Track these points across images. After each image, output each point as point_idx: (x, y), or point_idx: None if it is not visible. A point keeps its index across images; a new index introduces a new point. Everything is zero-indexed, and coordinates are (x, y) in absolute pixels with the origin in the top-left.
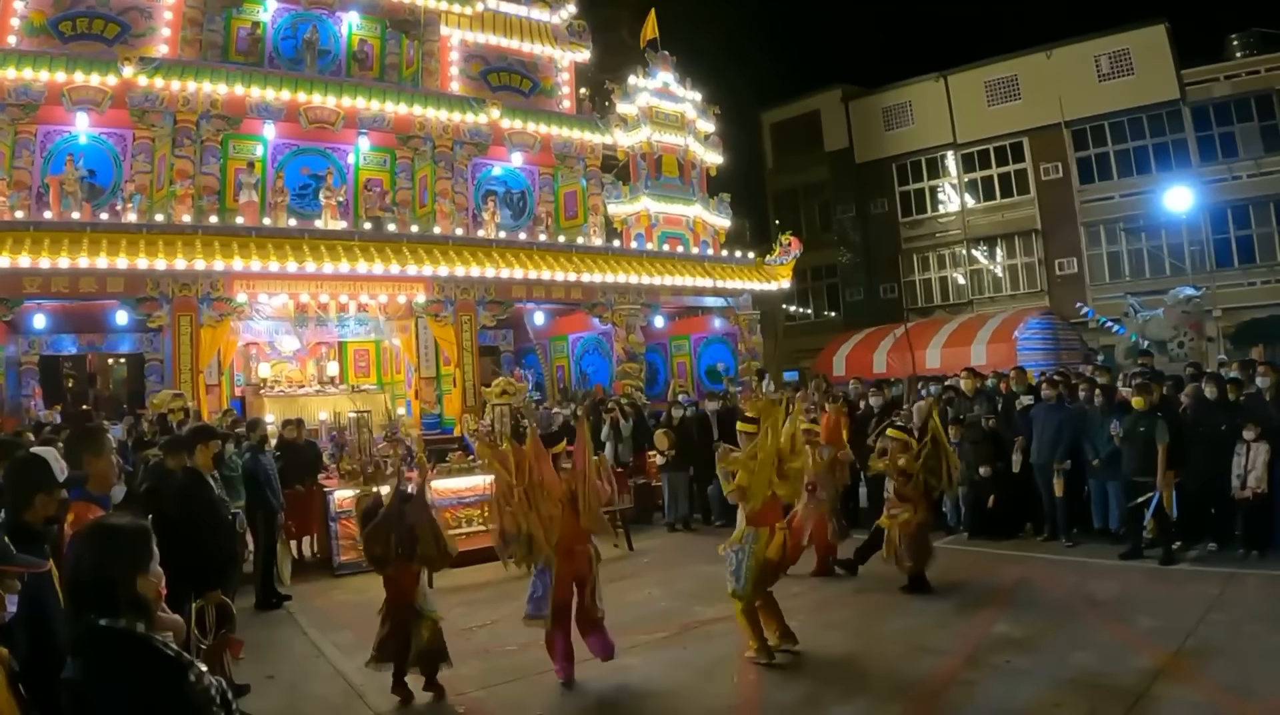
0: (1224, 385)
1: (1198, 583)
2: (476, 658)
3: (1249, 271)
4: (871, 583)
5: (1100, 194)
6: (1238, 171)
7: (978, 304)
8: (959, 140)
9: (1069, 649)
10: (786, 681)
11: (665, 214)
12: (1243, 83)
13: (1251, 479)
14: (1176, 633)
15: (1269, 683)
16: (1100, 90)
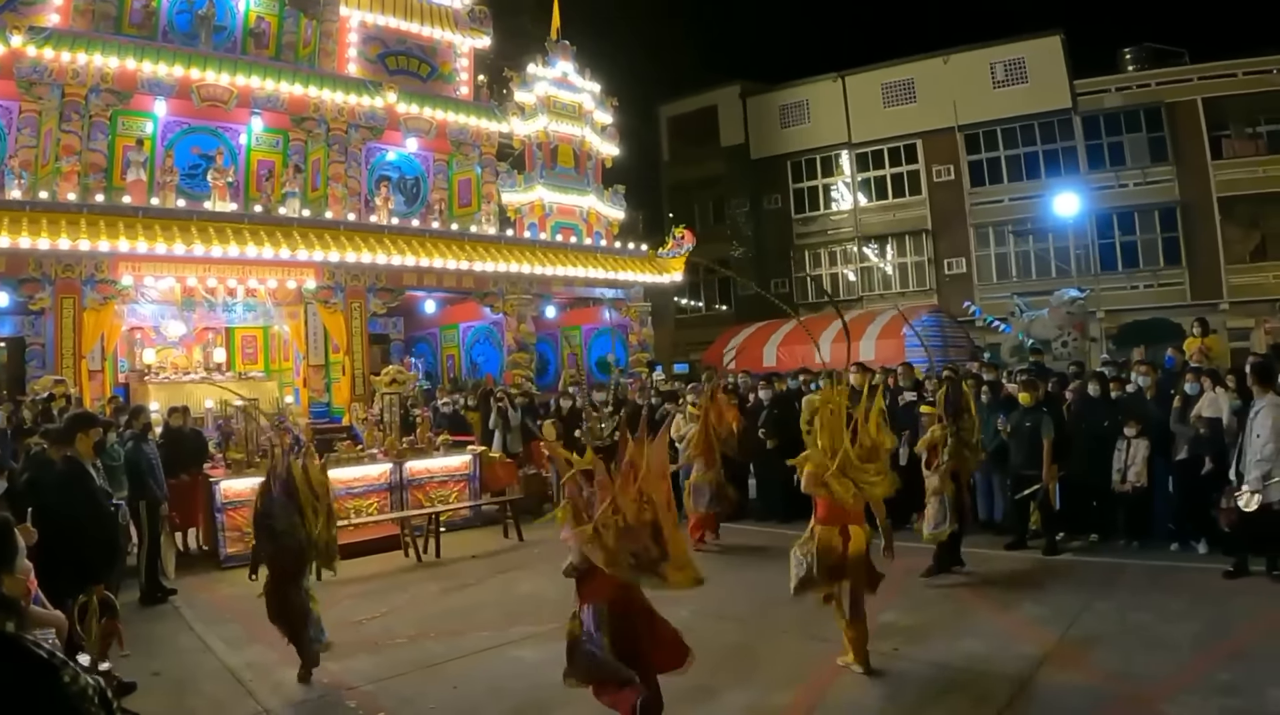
0: (1106, 383)
1: (1082, 572)
2: (367, 651)
3: (1132, 276)
4: (766, 574)
5: (990, 197)
6: (1124, 180)
7: (868, 301)
8: (854, 140)
9: (956, 636)
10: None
11: (560, 204)
12: (1133, 95)
13: (1131, 473)
14: (1061, 620)
15: (1150, 666)
16: (994, 96)
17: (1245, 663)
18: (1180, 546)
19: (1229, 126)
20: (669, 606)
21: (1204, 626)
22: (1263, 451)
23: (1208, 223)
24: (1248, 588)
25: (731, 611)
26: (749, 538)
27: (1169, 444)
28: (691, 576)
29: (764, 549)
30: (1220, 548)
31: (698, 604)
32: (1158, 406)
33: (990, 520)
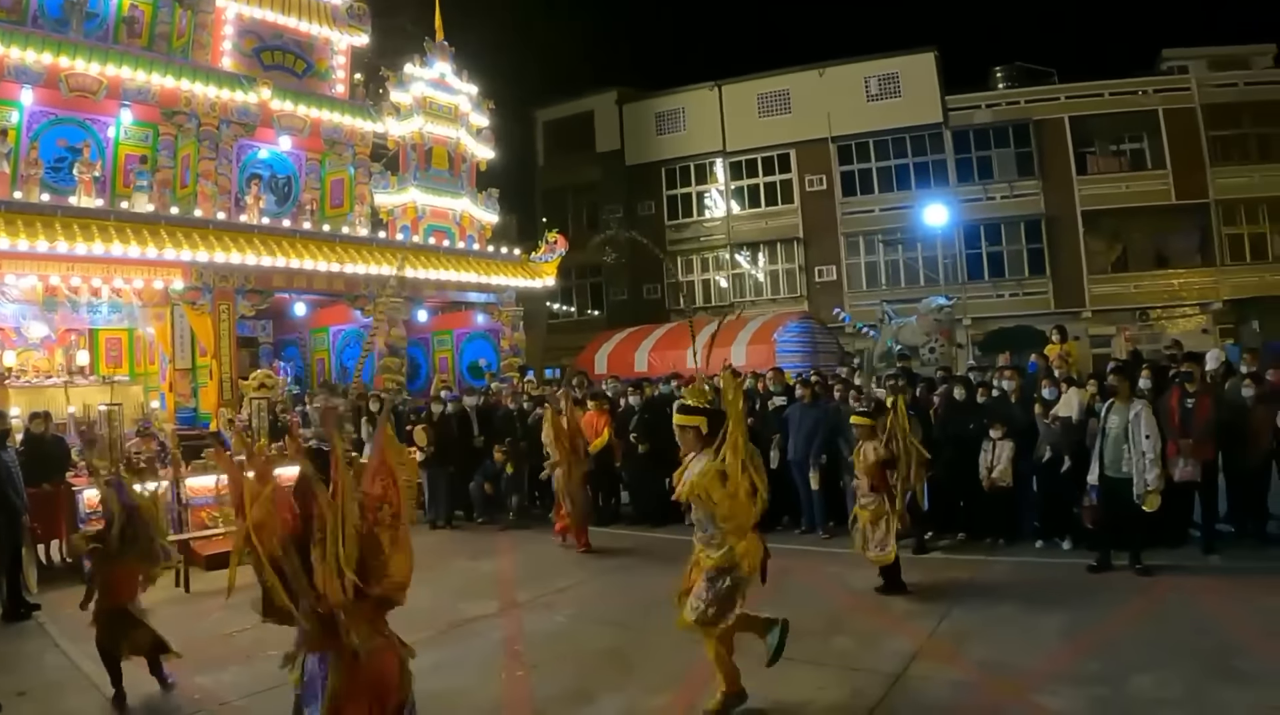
0: (972, 388)
1: (950, 570)
2: (238, 664)
3: (998, 285)
4: (642, 577)
5: (861, 207)
6: (992, 193)
7: (739, 307)
8: (729, 148)
9: (829, 635)
10: (556, 676)
11: (433, 207)
12: (1002, 112)
13: (997, 473)
14: (931, 616)
15: (1020, 658)
16: (868, 109)
17: (1112, 652)
18: (1045, 543)
19: (1094, 144)
20: (542, 612)
21: (1071, 619)
22: (1154, 451)
23: (1071, 235)
24: (1112, 581)
25: (607, 616)
26: (622, 542)
27: (1033, 445)
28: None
29: (637, 553)
30: (1084, 544)
31: (574, 609)
32: (1021, 410)
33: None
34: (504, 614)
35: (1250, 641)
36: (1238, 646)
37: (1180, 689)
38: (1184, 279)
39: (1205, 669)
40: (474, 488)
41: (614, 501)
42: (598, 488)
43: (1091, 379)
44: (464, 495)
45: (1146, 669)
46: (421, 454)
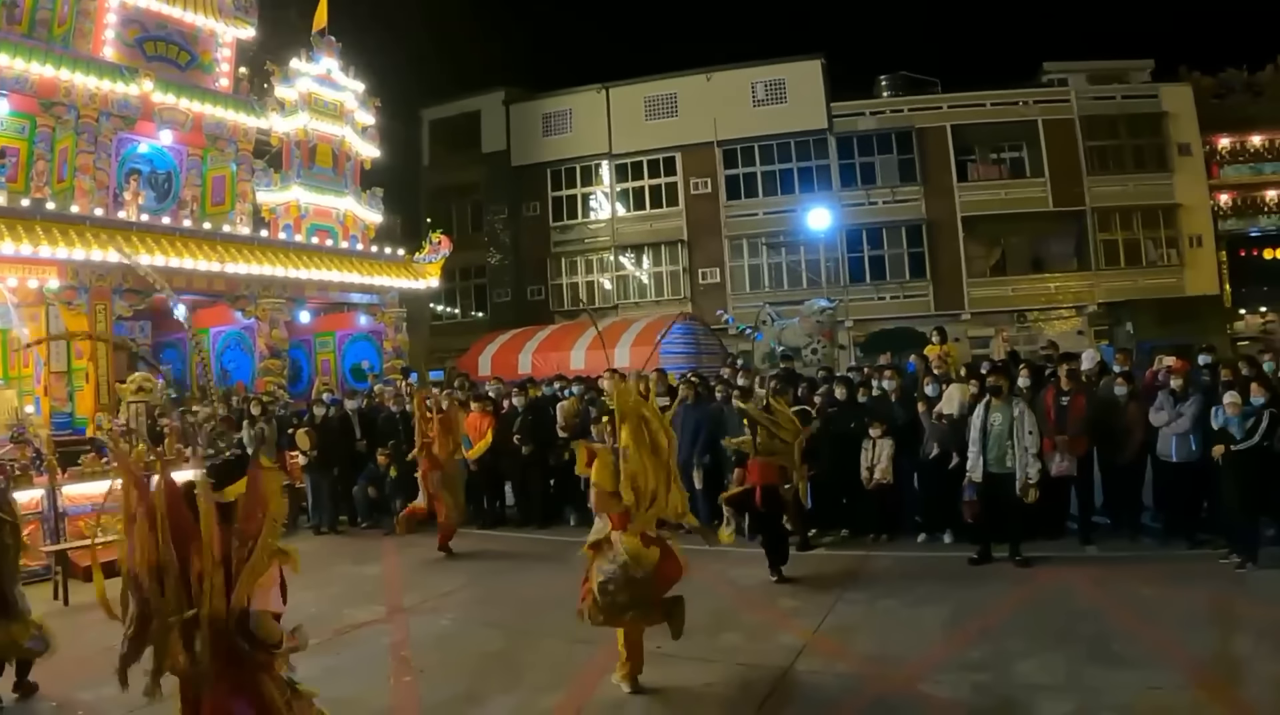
0: (853, 388)
1: (834, 565)
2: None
3: (879, 287)
4: (528, 579)
5: (745, 210)
6: (874, 198)
7: (623, 309)
8: (615, 151)
9: (717, 631)
10: (445, 681)
11: (316, 206)
12: (886, 119)
13: (878, 471)
14: (817, 611)
15: (904, 649)
16: (754, 114)
17: (994, 641)
18: (927, 537)
19: (975, 151)
20: (429, 616)
21: (953, 610)
22: (1035, 446)
23: (951, 240)
24: (992, 573)
25: (493, 618)
26: (507, 544)
27: (913, 442)
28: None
29: (522, 555)
30: (965, 537)
31: (459, 612)
32: (901, 409)
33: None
34: (391, 619)
35: (1127, 627)
36: (1115, 632)
37: (1061, 673)
38: (1060, 283)
39: (1085, 654)
40: (358, 492)
41: (498, 504)
42: (481, 490)
43: (970, 378)
44: (348, 499)
45: (1028, 655)
46: (304, 458)
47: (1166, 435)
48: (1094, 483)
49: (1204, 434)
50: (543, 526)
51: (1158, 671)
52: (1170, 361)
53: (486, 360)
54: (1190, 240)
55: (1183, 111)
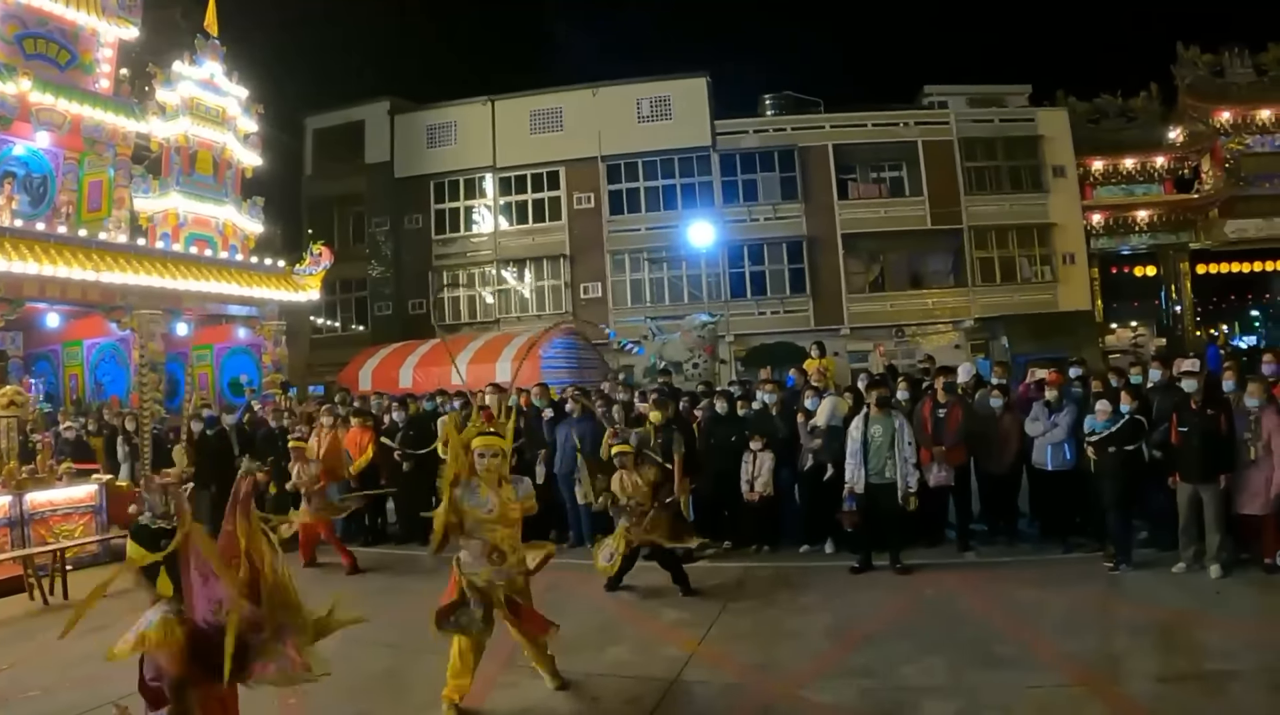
0: (733, 401)
1: (718, 577)
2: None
3: (760, 303)
4: (412, 596)
5: (628, 225)
6: (756, 214)
7: (505, 323)
8: (499, 164)
9: (603, 645)
10: (330, 702)
11: (195, 214)
12: (769, 137)
13: (759, 484)
14: (701, 623)
15: (789, 658)
16: (639, 130)
17: (877, 647)
18: (809, 548)
19: (855, 170)
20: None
21: (836, 618)
22: (914, 457)
23: (831, 256)
24: (873, 581)
25: (379, 637)
26: (390, 561)
27: (793, 455)
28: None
29: (405, 572)
30: (845, 546)
31: (346, 632)
32: (781, 422)
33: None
34: None
35: (1006, 629)
36: (995, 635)
37: (943, 676)
38: (938, 298)
39: (966, 657)
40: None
41: (380, 521)
42: (363, 507)
43: (847, 391)
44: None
45: (911, 660)
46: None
47: (1041, 444)
48: (971, 491)
49: (1077, 443)
50: (425, 543)
51: (1037, 671)
52: (1044, 374)
53: (367, 375)
54: (1064, 258)
55: (1058, 134)
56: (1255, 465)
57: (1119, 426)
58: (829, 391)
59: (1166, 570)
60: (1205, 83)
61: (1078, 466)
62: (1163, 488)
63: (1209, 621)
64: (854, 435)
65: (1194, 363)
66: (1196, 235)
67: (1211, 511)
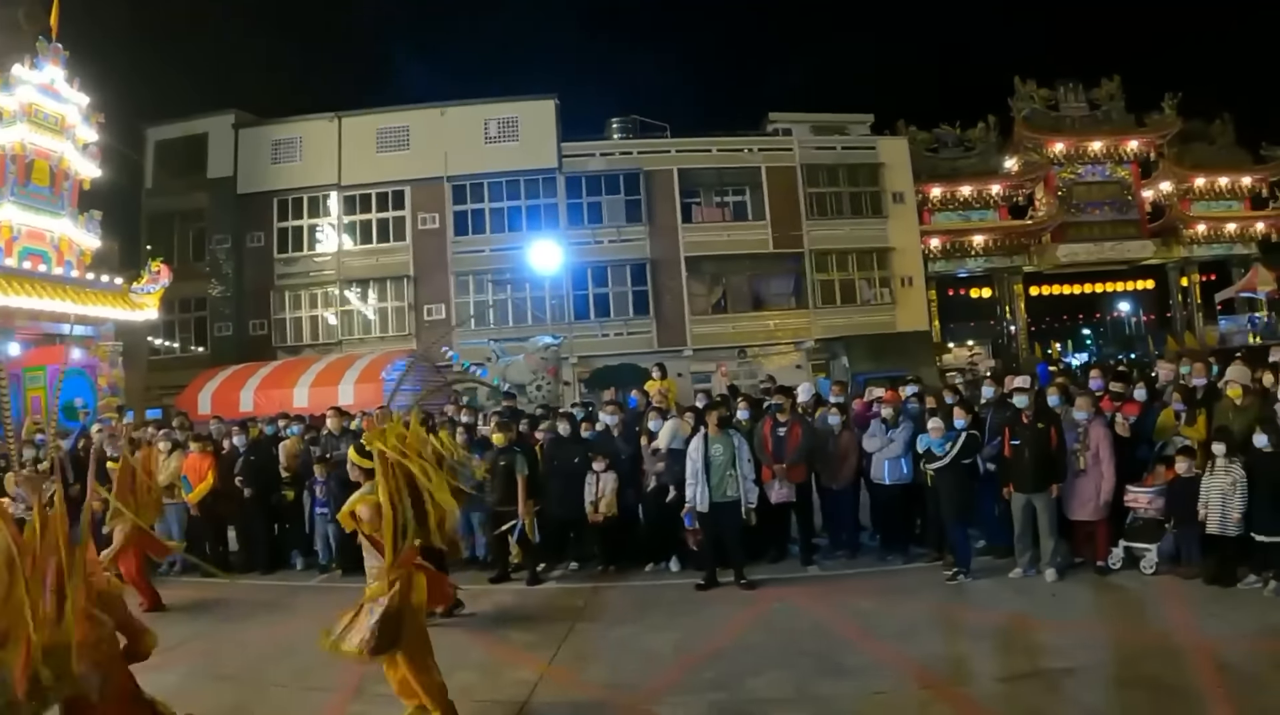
0: (576, 423)
1: (564, 598)
2: None
3: (604, 324)
4: (254, 627)
5: (473, 246)
6: (600, 237)
7: (347, 344)
8: (344, 182)
9: (451, 669)
10: None
11: (30, 227)
12: (615, 160)
13: (603, 505)
14: (550, 644)
15: (638, 675)
16: (486, 151)
17: (725, 661)
18: (654, 566)
19: (700, 194)
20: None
21: (683, 634)
22: (753, 474)
23: (675, 278)
24: (719, 597)
25: (223, 671)
26: (232, 592)
27: (637, 476)
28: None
29: (247, 602)
30: (690, 564)
31: (188, 665)
32: (624, 443)
33: (474, 556)
34: None
35: (850, 640)
36: (840, 645)
37: (791, 688)
38: (780, 320)
39: (813, 667)
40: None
41: (222, 549)
42: (204, 536)
43: (688, 412)
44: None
45: (759, 673)
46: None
47: (879, 460)
48: (813, 506)
49: (914, 457)
50: (268, 572)
51: (882, 678)
52: (881, 392)
53: (206, 398)
54: (902, 280)
55: (898, 162)
56: (1085, 474)
57: (957, 449)
58: (671, 413)
59: (1004, 576)
60: (1041, 115)
61: (915, 480)
62: (998, 498)
63: (1046, 623)
64: (694, 456)
65: (1024, 379)
66: (1030, 259)
67: (1045, 519)
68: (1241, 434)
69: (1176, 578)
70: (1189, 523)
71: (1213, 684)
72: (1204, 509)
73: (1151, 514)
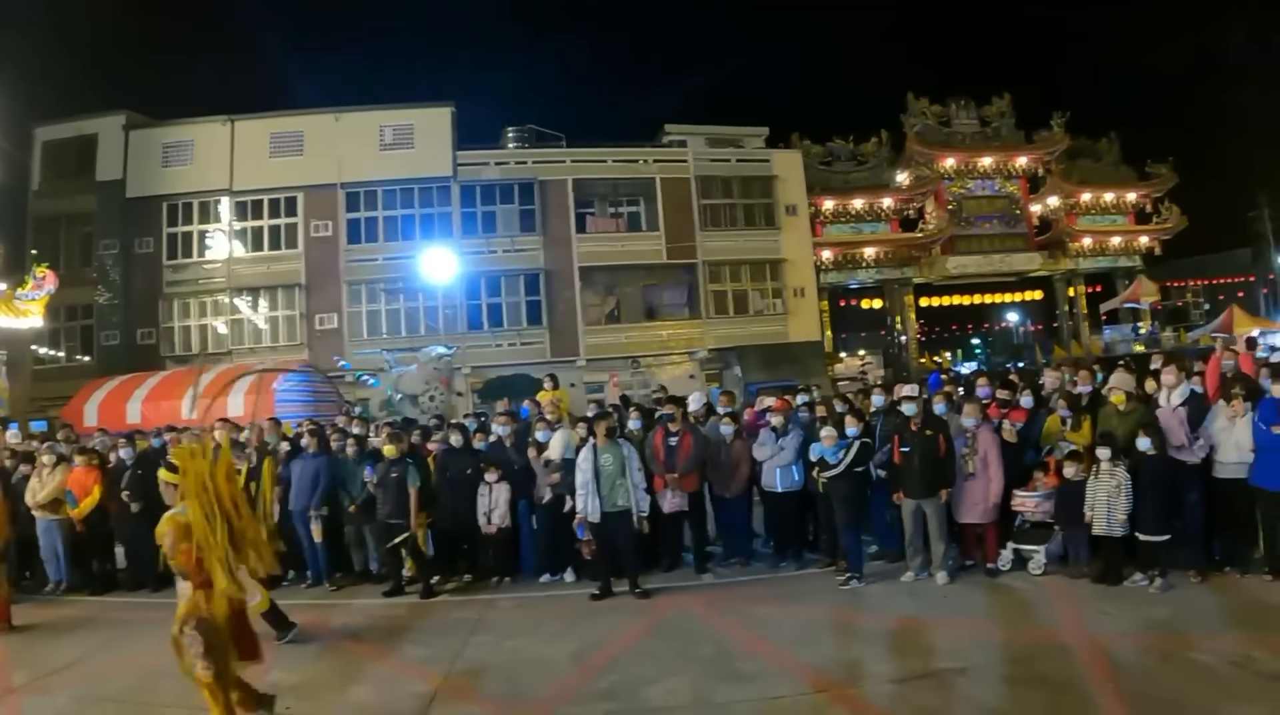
0: (468, 434)
1: (459, 611)
2: None
3: (497, 335)
4: (143, 647)
5: (366, 255)
6: (494, 246)
7: (238, 354)
8: (236, 187)
9: (345, 687)
10: None
11: None
12: (510, 170)
13: (496, 516)
14: (445, 658)
15: (535, 687)
16: (380, 158)
17: (621, 671)
18: (550, 577)
19: (594, 205)
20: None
21: (579, 645)
22: (644, 482)
23: (568, 289)
24: (615, 607)
25: (112, 693)
26: (120, 610)
27: (530, 486)
28: None
29: (136, 621)
30: (585, 574)
31: (74, 688)
32: (516, 453)
33: (366, 570)
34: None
35: (746, 646)
36: (736, 651)
37: (688, 694)
38: (673, 330)
39: (709, 674)
40: None
41: (109, 566)
42: (91, 552)
43: (580, 423)
44: None
45: (655, 681)
46: None
47: (770, 467)
48: (707, 515)
49: (805, 464)
50: (157, 590)
51: (778, 682)
52: (771, 401)
53: (93, 409)
54: (795, 291)
55: (792, 175)
56: (974, 478)
57: (850, 457)
58: (562, 423)
59: (896, 580)
60: (932, 131)
61: (806, 487)
62: (889, 504)
63: (938, 624)
64: (584, 466)
65: (913, 388)
66: (920, 270)
67: (935, 524)
68: (1125, 438)
69: (1065, 577)
70: (1076, 524)
71: (1102, 679)
72: (1090, 511)
73: (1039, 517)
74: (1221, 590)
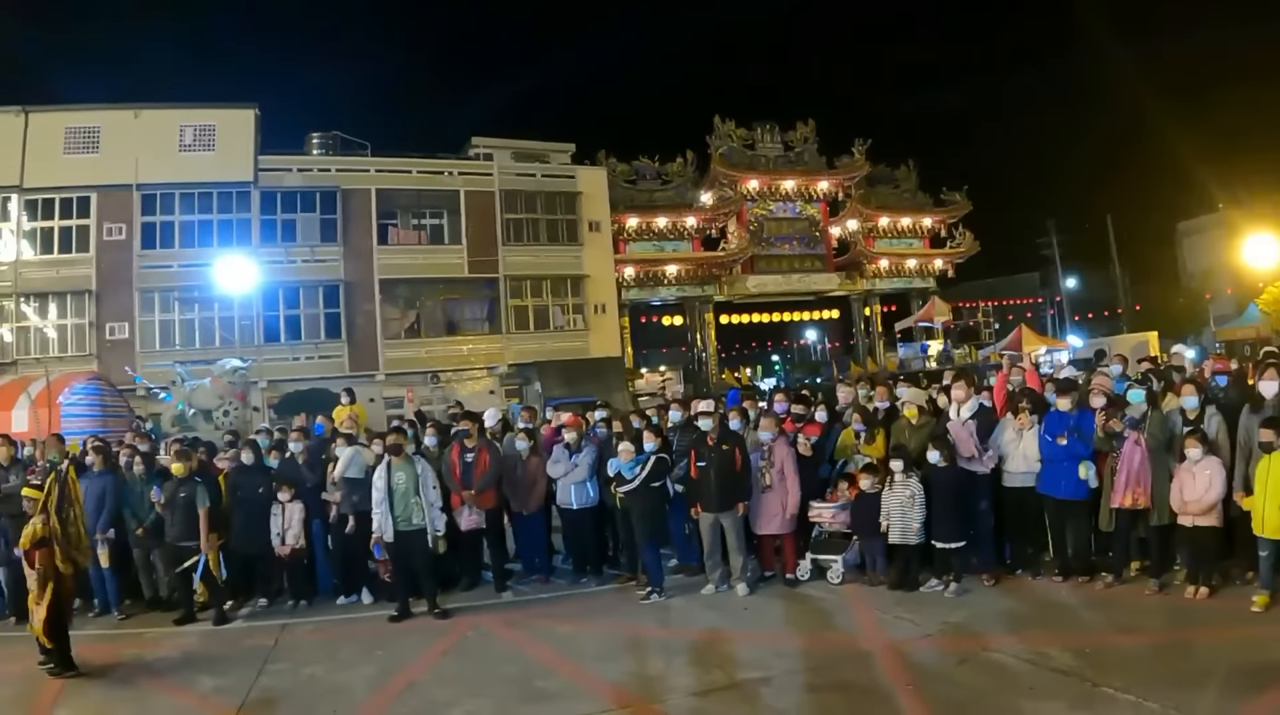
0: (259, 451)
1: (254, 637)
2: None
3: (295, 347)
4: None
5: (161, 261)
6: (295, 256)
7: (23, 365)
8: (27, 184)
9: None
10: None
11: None
12: (314, 177)
13: (290, 536)
14: (240, 688)
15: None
16: (180, 159)
17: (421, 694)
18: (346, 599)
19: (397, 216)
20: None
21: (378, 669)
22: (439, 501)
23: (368, 301)
24: (414, 628)
25: None
26: None
27: (324, 505)
28: None
29: None
30: (383, 596)
31: None
32: (310, 471)
33: (158, 597)
34: None
35: (548, 664)
36: (538, 670)
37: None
38: (474, 345)
39: (511, 694)
40: None
41: None
42: None
43: (376, 439)
44: None
45: (456, 703)
46: None
47: (565, 484)
48: (505, 532)
49: (602, 480)
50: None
51: (581, 700)
52: (565, 417)
53: None
54: (596, 307)
55: (596, 192)
56: (771, 491)
57: (647, 472)
58: (360, 439)
59: (697, 593)
60: (737, 153)
61: (602, 502)
62: (687, 518)
63: (740, 635)
64: (378, 484)
65: (709, 404)
66: (721, 289)
67: (733, 536)
68: (917, 451)
69: (863, 585)
70: (873, 534)
71: (902, 682)
72: (886, 521)
73: (836, 527)
74: (1014, 592)
